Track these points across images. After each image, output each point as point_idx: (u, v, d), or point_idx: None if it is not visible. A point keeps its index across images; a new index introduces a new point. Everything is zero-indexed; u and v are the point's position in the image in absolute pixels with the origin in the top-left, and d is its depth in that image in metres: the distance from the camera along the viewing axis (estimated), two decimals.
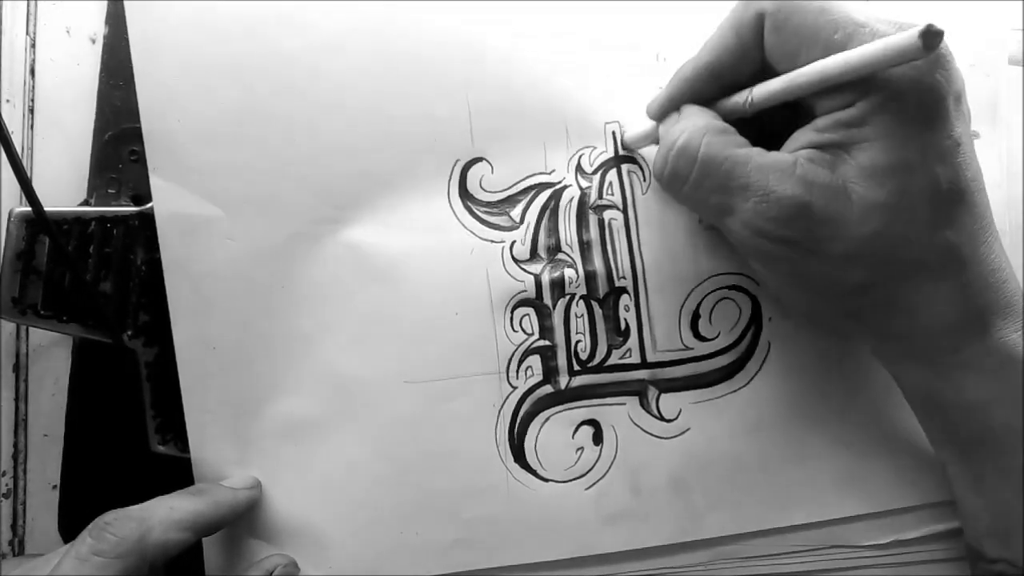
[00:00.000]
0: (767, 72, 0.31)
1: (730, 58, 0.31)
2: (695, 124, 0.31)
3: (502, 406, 0.36)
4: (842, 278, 0.30)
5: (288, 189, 0.35)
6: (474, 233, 0.37)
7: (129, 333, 0.36)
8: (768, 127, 0.32)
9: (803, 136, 0.30)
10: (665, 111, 0.34)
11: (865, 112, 0.28)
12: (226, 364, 0.35)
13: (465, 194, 0.37)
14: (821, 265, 0.30)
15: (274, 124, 0.35)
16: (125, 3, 0.35)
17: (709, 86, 0.32)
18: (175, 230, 0.35)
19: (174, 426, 0.35)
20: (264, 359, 0.35)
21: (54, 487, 0.36)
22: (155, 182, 0.35)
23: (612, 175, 0.37)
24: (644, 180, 0.38)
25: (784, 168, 0.29)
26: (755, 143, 0.31)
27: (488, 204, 0.37)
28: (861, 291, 0.30)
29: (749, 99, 0.31)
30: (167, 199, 0.35)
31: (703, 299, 0.38)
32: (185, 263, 0.35)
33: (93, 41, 0.37)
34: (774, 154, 0.30)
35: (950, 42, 0.39)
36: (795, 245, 0.30)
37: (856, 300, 0.31)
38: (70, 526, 0.36)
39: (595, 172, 0.37)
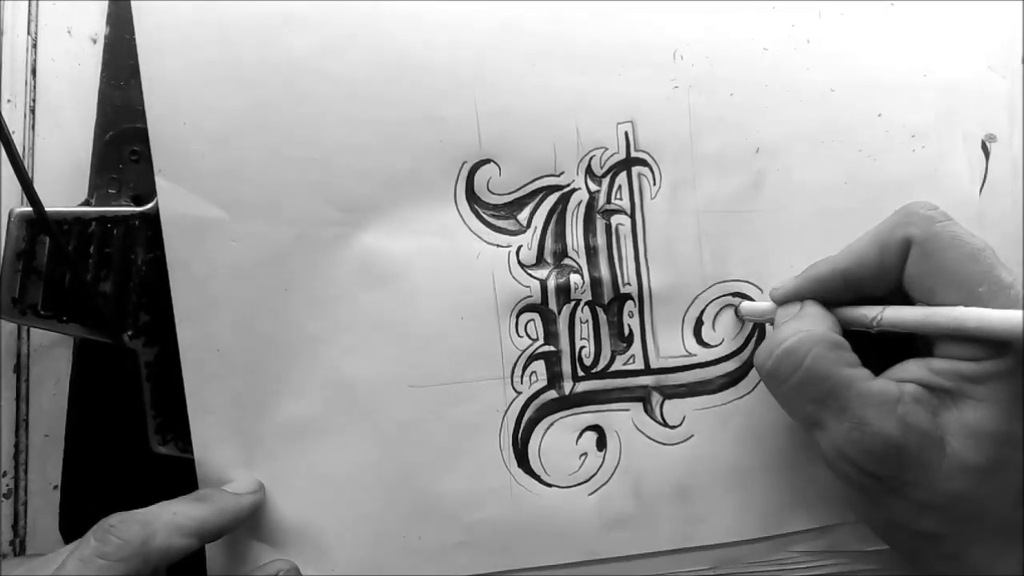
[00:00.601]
0: (901, 292, 0.31)
1: (867, 272, 0.31)
2: (810, 331, 0.30)
3: (506, 411, 0.36)
4: (915, 522, 0.29)
5: (293, 192, 0.35)
6: (480, 237, 0.36)
7: (129, 333, 0.35)
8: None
9: (915, 369, 0.30)
10: (788, 300, 0.33)
11: (987, 372, 0.28)
12: (230, 366, 0.35)
13: (472, 197, 0.36)
14: (898, 503, 0.29)
15: (280, 126, 0.35)
16: (132, 5, 0.34)
17: (839, 291, 0.32)
18: (180, 231, 0.34)
19: (174, 426, 0.35)
20: (268, 362, 0.35)
21: (55, 487, 0.36)
22: (160, 183, 0.34)
23: (622, 178, 0.37)
24: (654, 184, 0.37)
25: (886, 402, 0.28)
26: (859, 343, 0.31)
27: (495, 207, 0.37)
28: (931, 538, 0.29)
29: (878, 319, 0.30)
30: (172, 201, 0.34)
31: (707, 306, 0.37)
32: (189, 265, 0.34)
33: (94, 41, 0.37)
34: (879, 383, 0.29)
35: (966, 44, 0.40)
36: (877, 480, 0.29)
37: (923, 543, 0.30)
38: (71, 526, 0.36)
39: (605, 175, 0.37)
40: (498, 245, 0.36)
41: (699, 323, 0.37)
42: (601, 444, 0.37)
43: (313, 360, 0.35)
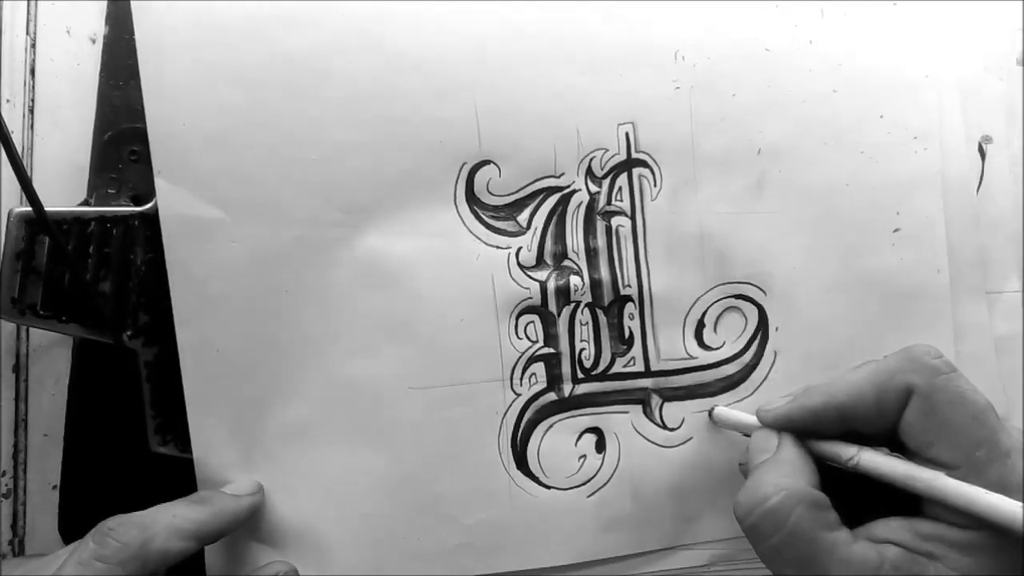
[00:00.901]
0: (895, 438, 0.30)
1: (863, 412, 0.30)
2: (792, 489, 0.29)
3: (505, 413, 0.36)
4: None
5: (292, 193, 0.35)
6: (480, 239, 0.36)
7: (129, 333, 0.35)
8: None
9: (898, 530, 0.29)
10: (776, 426, 0.32)
11: (974, 544, 0.27)
12: (229, 368, 0.35)
13: (472, 198, 0.36)
14: None
15: (279, 127, 0.34)
16: (132, 6, 0.34)
17: (831, 425, 0.31)
18: (180, 232, 0.34)
19: (174, 426, 0.35)
20: (268, 363, 0.35)
21: (54, 487, 0.36)
22: (160, 185, 0.34)
23: (623, 179, 0.37)
24: (655, 185, 0.37)
25: (867, 570, 0.27)
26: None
27: (495, 208, 0.36)
28: None
29: (855, 462, 0.30)
30: (172, 202, 0.34)
31: (708, 308, 0.37)
32: (189, 266, 0.34)
33: (93, 41, 0.37)
34: (860, 548, 0.28)
35: (964, 45, 0.39)
36: None
37: None
38: (70, 526, 0.36)
39: (606, 176, 0.37)
40: (498, 247, 0.36)
41: (701, 325, 0.37)
42: (600, 446, 0.37)
43: (312, 362, 0.35)
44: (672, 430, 0.37)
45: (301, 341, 0.35)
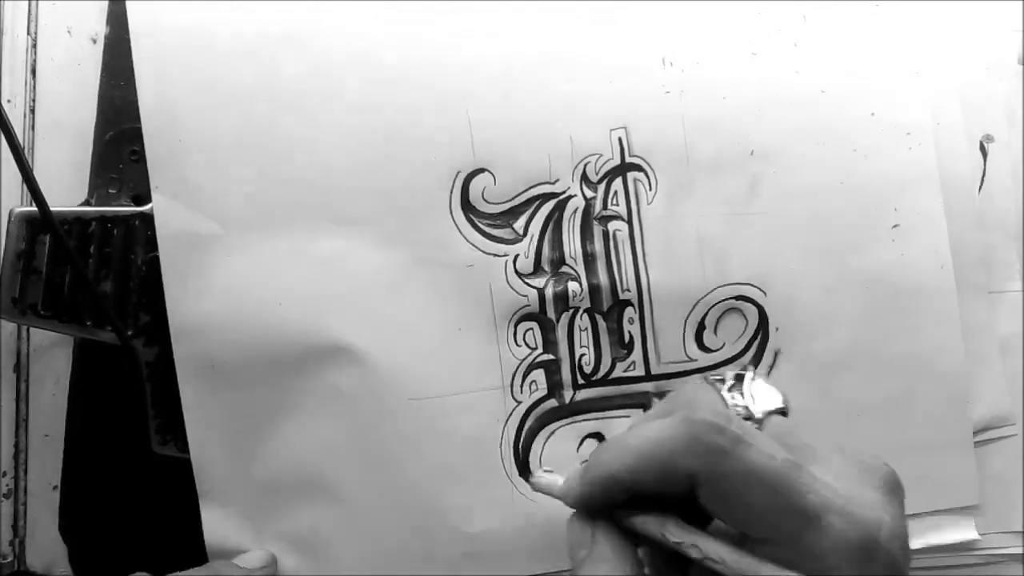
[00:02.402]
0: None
1: (651, 490, 0.25)
2: None
3: (507, 421, 0.36)
4: None
5: (288, 206, 0.35)
6: (476, 247, 0.36)
7: (130, 333, 0.35)
8: None
9: None
10: (579, 507, 0.28)
11: None
12: (226, 382, 0.35)
13: (467, 206, 0.36)
14: None
15: (274, 142, 0.35)
16: (130, 28, 0.34)
17: (625, 496, 0.25)
18: (177, 247, 0.34)
19: (174, 427, 0.35)
20: (265, 377, 0.35)
21: (54, 487, 0.36)
22: (157, 200, 0.34)
23: (618, 183, 0.37)
24: (650, 189, 0.37)
25: None
26: None
27: (491, 216, 0.36)
28: None
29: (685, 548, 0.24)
30: (169, 217, 0.34)
31: (709, 310, 0.37)
32: (186, 280, 0.34)
33: (94, 41, 0.37)
34: None
35: (963, 45, 0.39)
36: None
37: None
38: (70, 526, 0.36)
39: (600, 181, 0.37)
40: (494, 254, 0.36)
41: (701, 327, 0.37)
42: None
43: (311, 375, 0.35)
44: None
45: (298, 355, 0.35)
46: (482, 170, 0.36)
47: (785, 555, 0.24)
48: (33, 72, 0.36)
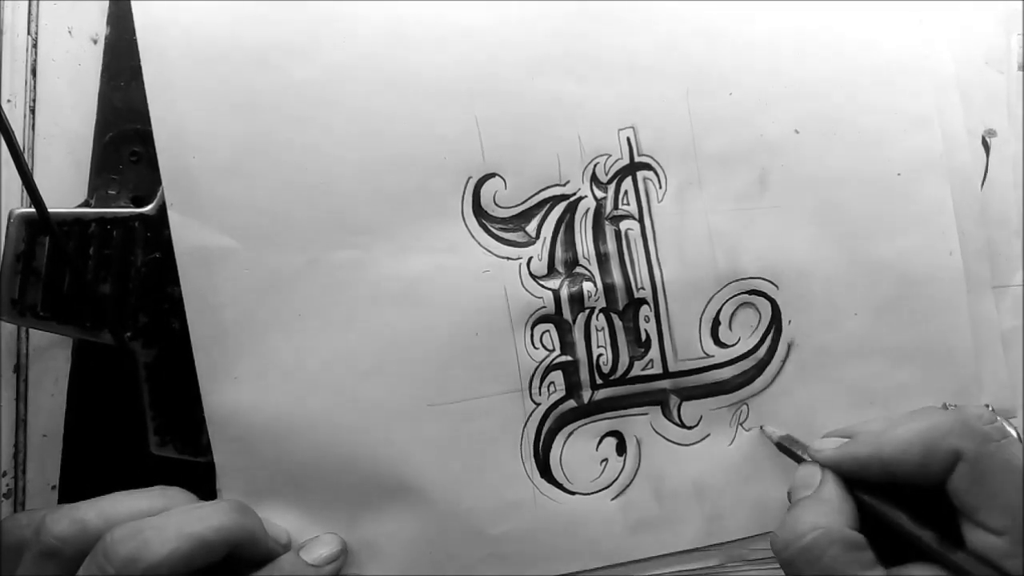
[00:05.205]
0: (942, 495, 0.30)
1: (909, 469, 0.30)
2: (828, 528, 0.29)
3: (526, 423, 0.36)
4: None
5: (302, 217, 0.35)
6: (490, 251, 0.36)
7: (128, 334, 0.35)
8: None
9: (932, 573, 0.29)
10: (825, 464, 0.33)
11: None
12: (248, 395, 0.35)
13: (479, 211, 0.36)
14: None
15: (285, 153, 0.35)
16: (139, 43, 0.34)
17: (876, 475, 0.31)
18: (194, 263, 0.34)
19: (173, 427, 0.35)
20: (286, 388, 0.35)
21: (53, 487, 0.36)
22: (173, 217, 0.34)
23: (628, 183, 0.37)
24: (660, 187, 0.37)
25: None
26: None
27: (503, 220, 0.36)
28: None
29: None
30: (186, 234, 0.34)
31: (723, 305, 0.37)
32: (205, 295, 0.34)
33: (95, 41, 0.36)
34: None
35: (964, 38, 0.39)
36: None
37: None
38: None
39: (610, 181, 0.37)
40: (508, 258, 0.36)
41: (716, 323, 0.37)
42: (621, 449, 0.37)
43: (330, 385, 0.35)
44: (690, 428, 0.37)
45: (317, 366, 0.35)
46: (493, 174, 0.36)
47: (1012, 551, 0.27)
48: (33, 72, 0.36)
